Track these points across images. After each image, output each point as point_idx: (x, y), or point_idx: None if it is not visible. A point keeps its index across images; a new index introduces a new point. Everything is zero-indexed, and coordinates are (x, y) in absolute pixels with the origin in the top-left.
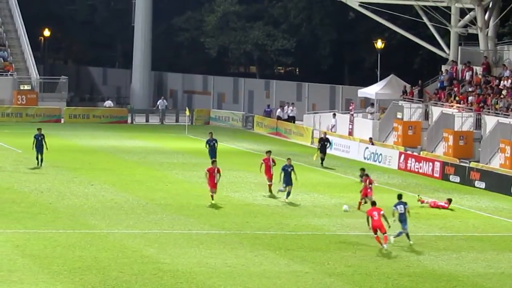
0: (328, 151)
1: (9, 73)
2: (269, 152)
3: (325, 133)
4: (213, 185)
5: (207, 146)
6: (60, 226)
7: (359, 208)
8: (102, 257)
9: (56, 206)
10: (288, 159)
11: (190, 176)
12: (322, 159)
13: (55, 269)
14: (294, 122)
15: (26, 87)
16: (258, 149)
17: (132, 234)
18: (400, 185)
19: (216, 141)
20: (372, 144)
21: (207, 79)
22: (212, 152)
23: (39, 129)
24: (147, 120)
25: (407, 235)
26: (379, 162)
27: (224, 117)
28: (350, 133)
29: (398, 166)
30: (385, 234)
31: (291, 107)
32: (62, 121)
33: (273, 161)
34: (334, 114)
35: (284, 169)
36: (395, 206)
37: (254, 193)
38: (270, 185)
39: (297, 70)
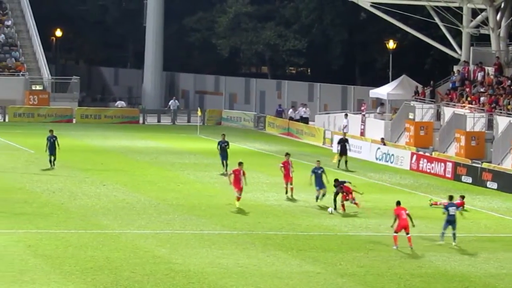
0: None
1: (21, 73)
2: (287, 154)
3: (345, 134)
4: (239, 187)
5: (219, 147)
6: (72, 226)
7: (344, 210)
8: (114, 257)
9: (68, 206)
10: (318, 161)
11: (202, 177)
12: (346, 161)
13: (67, 269)
14: (307, 123)
15: (38, 87)
16: (270, 149)
17: (144, 235)
18: (412, 186)
19: (228, 143)
20: (384, 144)
21: (218, 79)
22: (224, 154)
23: (51, 131)
24: (158, 121)
25: (454, 235)
26: (391, 162)
27: (236, 117)
28: (362, 134)
29: (410, 167)
30: (408, 235)
31: (304, 108)
32: (74, 121)
33: (291, 164)
34: (346, 115)
35: (314, 171)
36: (447, 207)
37: (265, 193)
38: (291, 189)
39: (308, 71)
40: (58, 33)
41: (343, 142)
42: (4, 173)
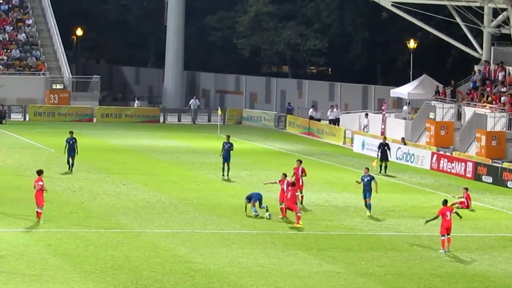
0: (360, 150)
1: (42, 72)
2: (299, 161)
3: (385, 137)
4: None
5: (222, 148)
6: (92, 225)
7: (285, 216)
8: (134, 256)
9: (88, 205)
10: (366, 168)
11: (222, 176)
12: (385, 167)
13: (87, 268)
14: (338, 125)
15: (59, 86)
16: (291, 149)
17: (164, 234)
18: (432, 186)
19: (232, 145)
20: (405, 144)
21: (239, 78)
22: (226, 156)
23: (71, 133)
24: (179, 120)
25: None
26: (411, 162)
27: (256, 117)
28: (383, 133)
29: (431, 166)
30: (449, 236)
31: (335, 109)
32: (94, 121)
33: (303, 171)
34: (367, 114)
35: (362, 179)
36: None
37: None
38: (301, 197)
39: (329, 70)
40: (79, 32)
41: (383, 147)
42: (25, 172)
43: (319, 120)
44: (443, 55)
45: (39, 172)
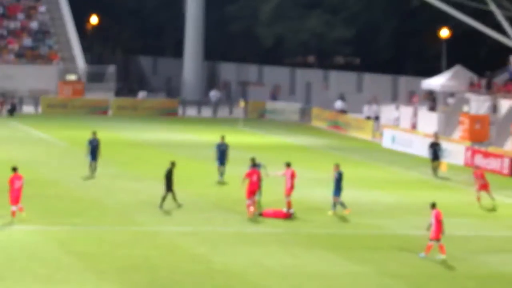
0: (390, 145)
1: (55, 62)
2: (288, 164)
3: (437, 136)
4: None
5: (216, 150)
6: (107, 223)
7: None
8: (151, 255)
9: (103, 202)
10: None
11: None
12: (435, 169)
13: (102, 268)
14: (378, 121)
15: (72, 77)
16: (316, 143)
17: (183, 232)
18: (466, 183)
19: (227, 147)
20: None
21: (262, 69)
22: (221, 158)
23: (94, 133)
24: (198, 113)
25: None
26: (444, 158)
27: (280, 109)
28: (414, 127)
29: (465, 162)
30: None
31: (374, 105)
32: (110, 113)
33: (293, 174)
34: (397, 107)
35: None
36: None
37: (311, 190)
38: (288, 203)
39: (357, 60)
40: (94, 20)
41: (434, 147)
42: (37, 167)
43: (344, 112)
44: (477, 44)
45: (16, 169)
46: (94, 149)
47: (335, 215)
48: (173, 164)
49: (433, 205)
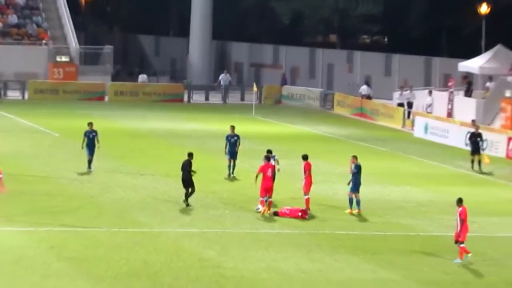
0: (422, 135)
1: (44, 42)
2: (267, 157)
3: (477, 126)
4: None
5: (226, 142)
6: (103, 223)
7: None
8: (153, 260)
9: (99, 199)
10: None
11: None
12: (479, 161)
13: (97, 274)
14: (411, 108)
15: (64, 58)
16: (339, 133)
17: (189, 234)
18: (508, 177)
19: (239, 138)
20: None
21: (278, 50)
22: (232, 151)
23: (90, 124)
24: (206, 99)
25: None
26: (484, 149)
27: (299, 95)
28: (449, 115)
29: (507, 154)
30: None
31: (407, 91)
32: (106, 99)
33: (271, 167)
34: (430, 92)
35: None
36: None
37: (334, 185)
38: (270, 202)
39: (385, 39)
40: None
41: (474, 137)
42: (24, 161)
43: (369, 98)
44: None
45: None
46: (91, 141)
47: (358, 214)
48: (190, 155)
49: (460, 201)
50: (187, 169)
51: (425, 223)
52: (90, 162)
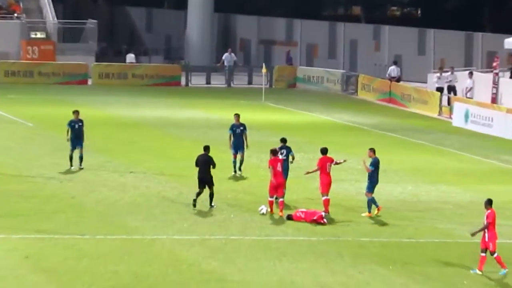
0: (462, 124)
1: (16, 15)
2: (274, 151)
3: None
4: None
5: (231, 134)
6: (86, 229)
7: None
8: (146, 272)
9: (82, 201)
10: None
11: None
12: None
13: None
14: (455, 94)
15: (39, 35)
16: (364, 122)
17: (188, 241)
18: None
19: (245, 128)
20: None
21: (292, 24)
22: (238, 143)
23: (75, 113)
24: (208, 82)
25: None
26: None
27: (317, 77)
28: (494, 100)
29: None
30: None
31: (448, 73)
32: (90, 83)
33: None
34: (471, 73)
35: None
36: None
37: (358, 184)
38: (281, 203)
39: (418, 12)
40: None
41: None
42: None
43: (399, 80)
44: None
45: None
46: (77, 133)
47: (375, 216)
48: (207, 149)
49: (489, 203)
50: (205, 167)
51: (465, 228)
52: (71, 158)
